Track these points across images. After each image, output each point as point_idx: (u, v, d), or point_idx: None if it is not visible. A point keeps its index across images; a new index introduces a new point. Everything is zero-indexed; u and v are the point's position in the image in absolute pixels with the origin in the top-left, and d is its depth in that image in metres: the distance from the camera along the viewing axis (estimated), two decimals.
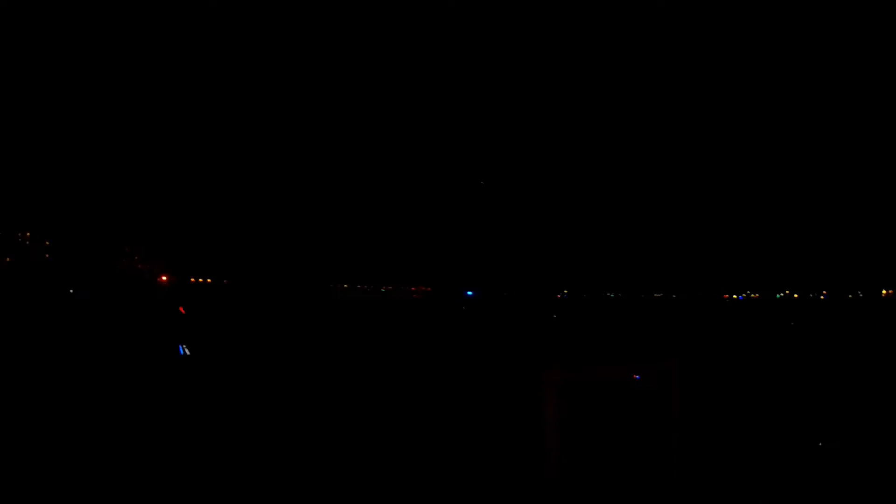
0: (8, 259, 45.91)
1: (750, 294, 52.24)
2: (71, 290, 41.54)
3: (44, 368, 13.91)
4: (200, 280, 61.38)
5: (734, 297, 53.12)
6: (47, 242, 48.71)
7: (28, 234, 47.66)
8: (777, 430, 9.28)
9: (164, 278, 55.22)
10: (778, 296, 48.96)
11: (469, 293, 50.21)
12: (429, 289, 54.86)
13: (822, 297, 44.96)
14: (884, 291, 40.66)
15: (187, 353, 15.96)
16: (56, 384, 11.90)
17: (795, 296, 47.37)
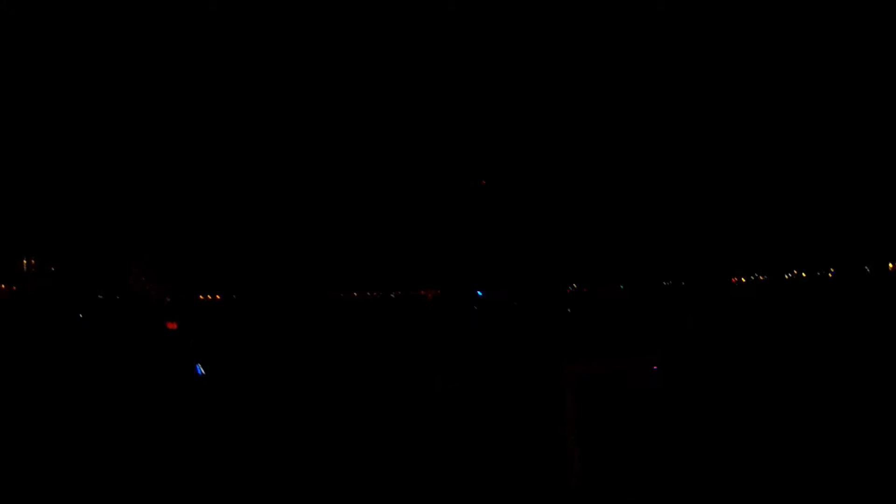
0: (14, 287, 46.18)
1: (758, 276, 52.24)
2: (78, 315, 41.60)
3: (50, 388, 14.18)
4: (209, 297, 61.45)
5: (742, 279, 53.12)
6: (52, 268, 48.97)
7: (32, 260, 47.90)
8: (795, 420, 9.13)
9: (169, 299, 55.37)
10: (786, 276, 49.04)
11: (480, 293, 50.02)
12: (438, 291, 54.76)
13: (829, 274, 44.99)
14: (891, 265, 40.60)
15: (202, 371, 15.95)
16: (62, 406, 12.03)
17: (804, 275, 47.39)
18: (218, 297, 62.24)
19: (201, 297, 61.15)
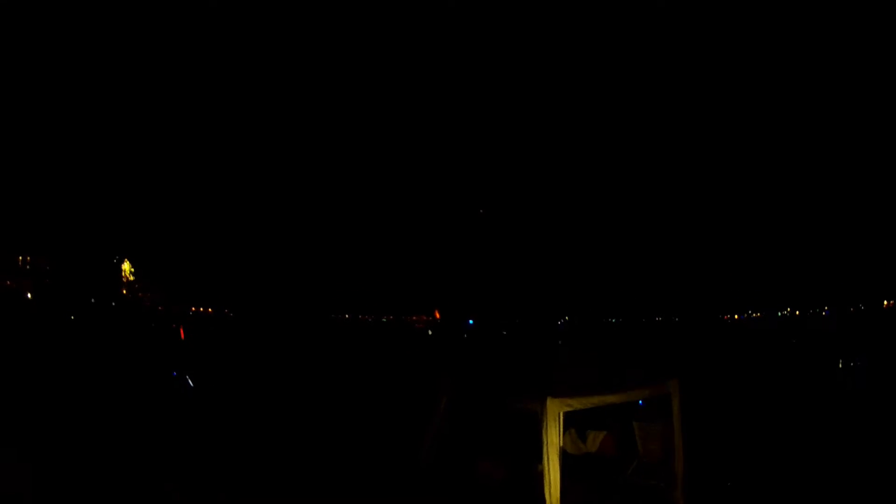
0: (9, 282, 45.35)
1: (752, 314, 51.77)
2: (69, 316, 41.24)
3: (34, 386, 13.97)
4: (201, 309, 60.92)
5: (735, 316, 52.60)
6: (48, 267, 48.21)
7: (29, 257, 47.18)
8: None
9: (161, 308, 54.86)
10: (780, 314, 48.51)
11: (470, 322, 50.24)
12: (430, 318, 54.64)
13: (823, 312, 44.55)
14: (885, 302, 40.33)
15: (190, 383, 16.06)
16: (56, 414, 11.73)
17: (797, 313, 46.94)
18: (210, 310, 61.78)
19: (194, 308, 60.62)
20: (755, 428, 10.31)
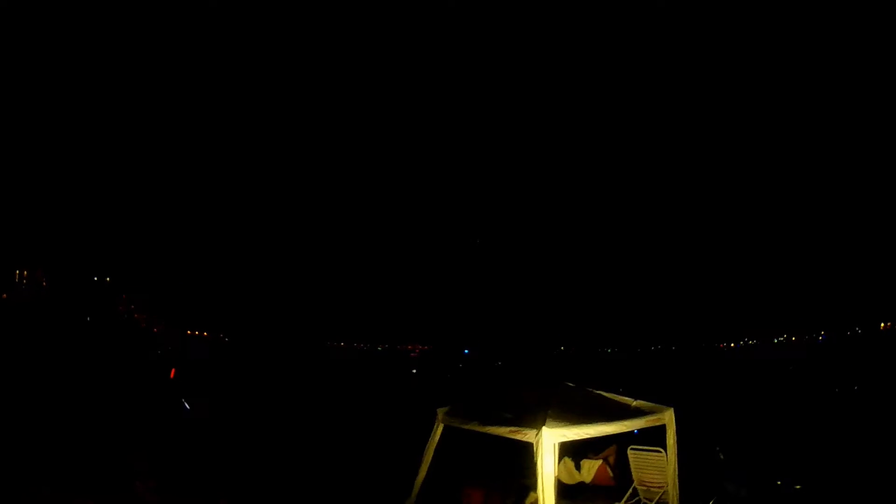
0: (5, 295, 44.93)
1: (748, 341, 51.66)
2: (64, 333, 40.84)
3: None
4: (196, 332, 60.46)
5: (731, 345, 52.46)
6: (44, 283, 47.81)
7: (25, 271, 46.83)
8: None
9: (157, 329, 54.32)
10: (776, 340, 48.45)
11: (466, 351, 50.18)
12: (426, 347, 54.39)
13: (819, 337, 44.52)
14: (882, 325, 40.36)
15: (186, 406, 16.06)
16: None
17: (793, 339, 46.90)
18: (206, 333, 61.33)
19: (189, 332, 60.13)
20: (751, 455, 10.31)
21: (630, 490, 7.74)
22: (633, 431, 7.39)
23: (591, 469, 8.62)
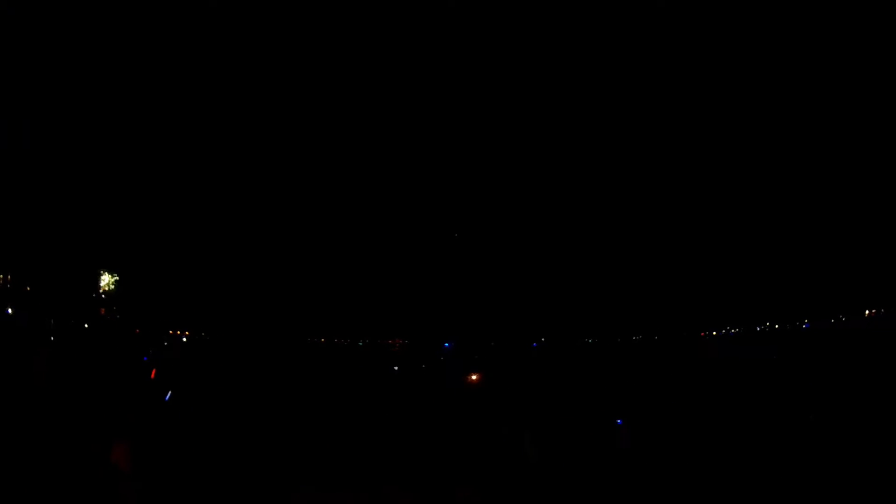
0: None
1: (730, 329, 51.15)
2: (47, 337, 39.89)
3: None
4: (178, 332, 59.39)
5: (713, 333, 51.94)
6: (28, 288, 46.69)
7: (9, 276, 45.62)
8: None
9: (139, 331, 53.44)
10: (759, 328, 47.89)
11: (447, 345, 49.71)
12: (406, 341, 53.87)
13: (803, 325, 43.98)
14: (866, 311, 39.86)
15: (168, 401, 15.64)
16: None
17: (776, 326, 46.36)
18: (188, 332, 60.31)
19: (171, 332, 59.24)
20: (733, 444, 10.12)
21: None
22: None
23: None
